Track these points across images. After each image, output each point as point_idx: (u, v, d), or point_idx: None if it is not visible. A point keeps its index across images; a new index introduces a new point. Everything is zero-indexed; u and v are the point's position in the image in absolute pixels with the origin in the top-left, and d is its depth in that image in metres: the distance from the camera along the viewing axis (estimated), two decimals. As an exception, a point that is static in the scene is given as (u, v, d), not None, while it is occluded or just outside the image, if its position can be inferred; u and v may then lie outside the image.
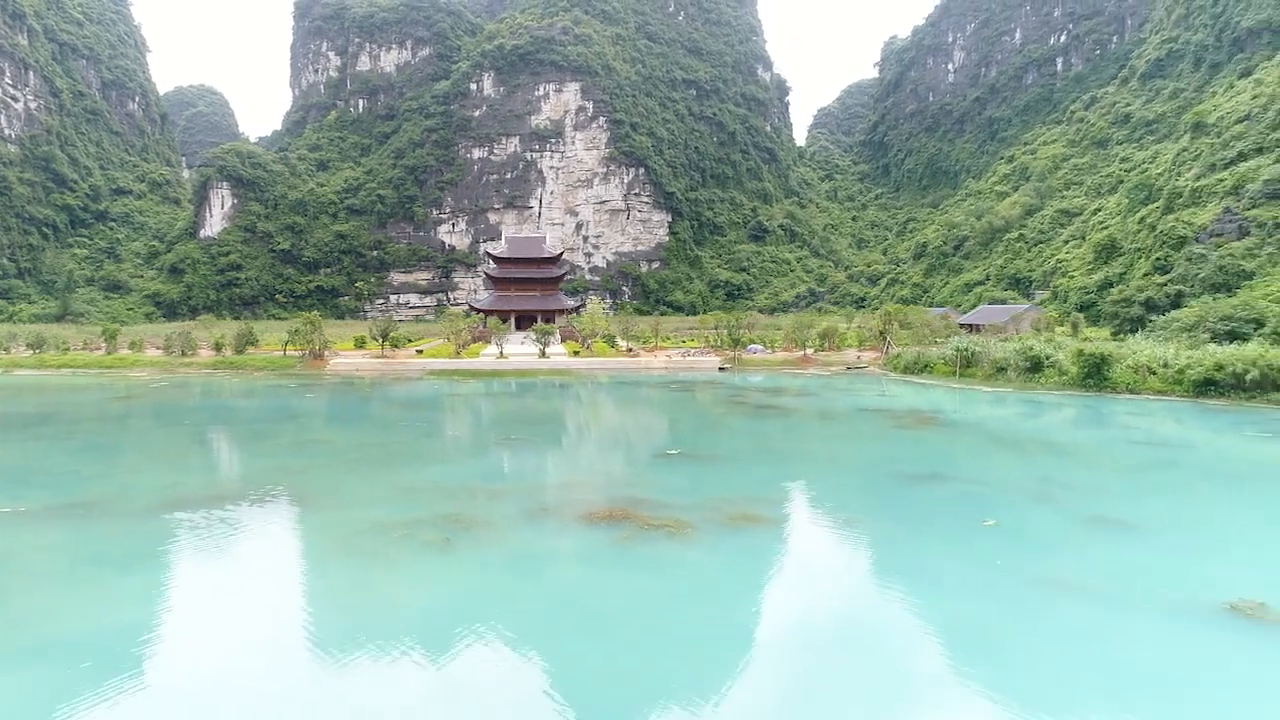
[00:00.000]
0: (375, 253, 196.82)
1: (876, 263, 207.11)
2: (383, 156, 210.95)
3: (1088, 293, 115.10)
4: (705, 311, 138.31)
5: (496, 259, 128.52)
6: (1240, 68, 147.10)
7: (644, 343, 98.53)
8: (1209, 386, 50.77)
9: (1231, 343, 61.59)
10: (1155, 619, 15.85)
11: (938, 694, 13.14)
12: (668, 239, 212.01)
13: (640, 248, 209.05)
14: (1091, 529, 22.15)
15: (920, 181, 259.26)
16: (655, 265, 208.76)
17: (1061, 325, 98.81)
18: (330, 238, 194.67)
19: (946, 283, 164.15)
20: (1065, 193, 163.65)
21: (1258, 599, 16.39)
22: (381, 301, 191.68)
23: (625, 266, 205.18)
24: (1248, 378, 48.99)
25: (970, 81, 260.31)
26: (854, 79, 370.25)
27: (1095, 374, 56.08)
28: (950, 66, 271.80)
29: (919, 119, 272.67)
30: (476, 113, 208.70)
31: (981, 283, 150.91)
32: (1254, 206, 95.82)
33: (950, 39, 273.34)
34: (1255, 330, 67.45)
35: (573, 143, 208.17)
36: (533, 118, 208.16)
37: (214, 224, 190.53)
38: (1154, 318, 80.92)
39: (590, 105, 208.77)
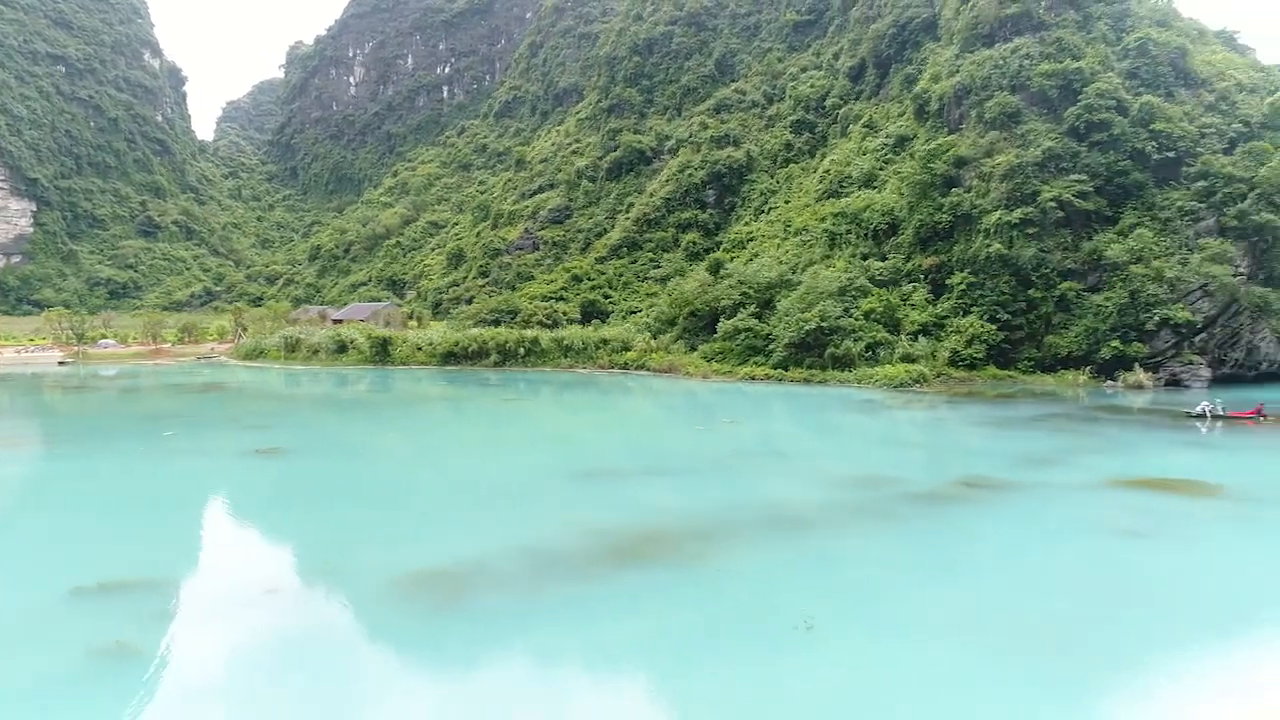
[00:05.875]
0: None
1: (275, 263, 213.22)
2: None
3: (441, 293, 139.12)
4: (88, 312, 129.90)
5: None
6: (559, 118, 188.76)
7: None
8: (450, 357, 72.20)
9: (494, 327, 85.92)
10: (344, 462, 30.21)
11: (249, 480, 25.48)
12: (32, 230, 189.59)
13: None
14: (238, 430, 36.64)
15: (327, 186, 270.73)
16: (17, 260, 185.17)
17: (411, 318, 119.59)
18: None
19: (336, 283, 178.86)
20: (436, 207, 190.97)
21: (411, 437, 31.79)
22: None
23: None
24: (470, 350, 71.44)
25: (371, 96, 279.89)
26: (268, 75, 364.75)
27: (382, 352, 74.40)
28: (352, 80, 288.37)
29: (325, 126, 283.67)
30: None
31: (365, 284, 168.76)
32: (543, 228, 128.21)
33: (351, 54, 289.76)
34: (511, 319, 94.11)
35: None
36: None
37: None
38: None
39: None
